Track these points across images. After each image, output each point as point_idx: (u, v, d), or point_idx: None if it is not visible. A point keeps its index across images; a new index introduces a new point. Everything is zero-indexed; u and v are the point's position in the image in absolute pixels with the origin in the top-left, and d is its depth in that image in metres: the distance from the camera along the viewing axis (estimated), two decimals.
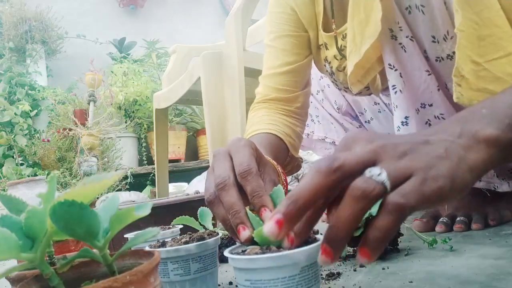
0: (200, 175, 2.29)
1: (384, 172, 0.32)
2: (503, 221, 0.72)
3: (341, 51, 0.78)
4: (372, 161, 0.33)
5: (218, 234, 0.53)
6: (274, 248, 0.38)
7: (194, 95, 1.48)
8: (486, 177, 0.73)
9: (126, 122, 2.68)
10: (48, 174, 2.23)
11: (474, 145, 0.36)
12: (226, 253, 0.40)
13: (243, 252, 0.40)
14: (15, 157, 2.35)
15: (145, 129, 2.80)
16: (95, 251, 0.32)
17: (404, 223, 0.77)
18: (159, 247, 0.51)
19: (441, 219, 0.74)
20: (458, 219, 0.72)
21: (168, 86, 1.68)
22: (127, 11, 3.36)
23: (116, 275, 0.31)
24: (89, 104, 2.53)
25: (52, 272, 0.30)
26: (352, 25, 0.67)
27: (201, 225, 0.58)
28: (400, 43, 0.64)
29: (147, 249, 0.48)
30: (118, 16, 3.33)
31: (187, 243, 0.50)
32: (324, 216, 0.36)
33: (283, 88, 0.84)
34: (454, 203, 0.78)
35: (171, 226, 0.66)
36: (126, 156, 2.60)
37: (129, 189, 2.27)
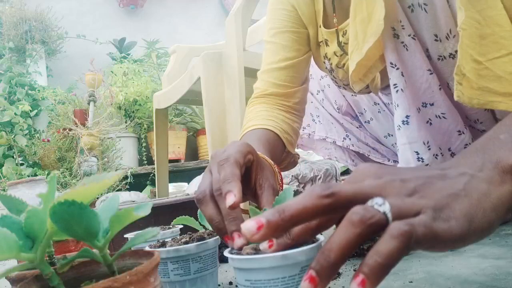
0: (200, 175, 2.29)
1: (387, 203, 0.30)
2: (503, 221, 0.72)
3: (342, 47, 0.78)
4: (376, 196, 0.31)
5: None
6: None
7: (194, 95, 1.48)
8: None
9: (126, 122, 2.68)
10: (48, 174, 2.23)
11: (498, 177, 0.33)
12: (226, 253, 0.40)
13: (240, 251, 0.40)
14: (15, 157, 2.35)
15: (145, 129, 2.80)
16: (95, 251, 0.32)
17: None
18: (159, 247, 0.51)
19: None
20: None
21: (168, 86, 1.68)
22: (127, 11, 3.37)
23: (116, 275, 0.31)
24: (89, 104, 2.53)
25: (52, 272, 0.30)
26: (354, 24, 0.67)
27: (201, 225, 0.58)
28: (402, 42, 0.64)
29: (147, 249, 0.48)
30: (118, 16, 3.34)
31: (187, 243, 0.50)
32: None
33: (282, 83, 0.84)
34: None
35: (171, 226, 0.66)
36: (126, 156, 2.60)
37: (129, 189, 2.27)
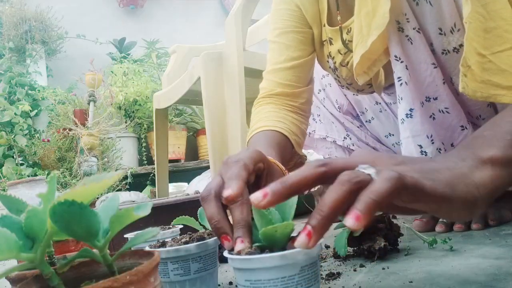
0: (200, 175, 2.29)
1: (372, 168, 0.33)
2: (503, 221, 0.72)
3: (346, 45, 0.79)
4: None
5: None
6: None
7: (194, 95, 1.48)
8: None
9: (126, 122, 2.68)
10: (48, 174, 2.23)
11: (479, 165, 0.37)
12: (226, 253, 0.40)
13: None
14: (15, 157, 2.34)
15: (145, 129, 2.79)
16: (95, 251, 0.32)
17: (404, 223, 0.77)
18: (159, 247, 0.51)
19: (441, 219, 0.74)
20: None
21: (168, 86, 1.68)
22: (127, 11, 3.36)
23: (116, 275, 0.31)
24: (89, 104, 2.53)
25: (52, 272, 0.30)
26: (359, 17, 0.67)
27: (201, 225, 0.58)
28: (406, 35, 0.64)
29: (147, 249, 0.48)
30: (118, 16, 3.33)
31: (187, 243, 0.50)
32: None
33: (288, 83, 0.84)
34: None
35: (171, 226, 0.66)
36: (126, 156, 2.60)
37: (129, 189, 2.27)
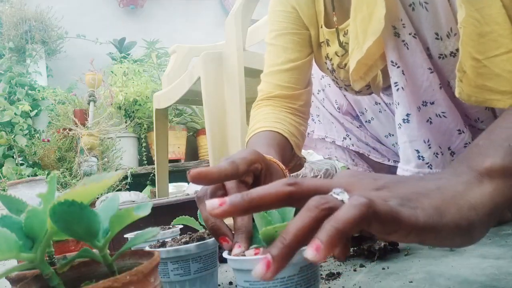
0: None
1: (346, 193, 0.29)
2: (503, 221, 0.72)
3: (344, 46, 0.79)
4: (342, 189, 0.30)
5: None
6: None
7: (194, 95, 1.48)
8: None
9: (126, 122, 2.68)
10: (48, 174, 2.23)
11: (475, 180, 0.33)
12: (225, 254, 0.40)
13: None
14: (15, 157, 2.34)
15: (145, 129, 2.80)
16: (95, 251, 0.32)
17: None
18: (159, 247, 0.51)
19: None
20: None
21: (168, 86, 1.68)
22: (127, 11, 3.36)
23: (116, 275, 0.31)
24: (89, 104, 2.53)
25: (52, 272, 0.30)
26: (355, 23, 0.67)
27: (201, 225, 0.58)
28: (403, 40, 0.64)
29: (147, 249, 0.48)
30: (118, 16, 3.34)
31: (187, 243, 0.50)
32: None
33: (286, 85, 0.84)
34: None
35: (171, 226, 0.66)
36: (126, 156, 2.60)
37: (129, 189, 2.27)
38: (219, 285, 0.57)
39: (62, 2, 3.02)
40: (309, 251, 0.26)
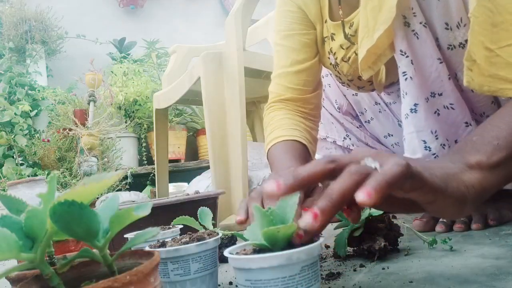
0: (200, 175, 2.29)
1: (377, 161, 0.35)
2: (503, 221, 0.72)
3: (349, 38, 0.78)
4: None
5: (218, 234, 0.53)
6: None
7: (194, 95, 1.48)
8: None
9: (126, 122, 2.68)
10: (48, 174, 2.23)
11: (468, 168, 0.40)
12: (226, 253, 0.40)
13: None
14: (15, 157, 2.34)
15: (145, 129, 2.79)
16: (95, 251, 0.32)
17: (404, 223, 0.77)
18: (159, 247, 0.51)
19: (441, 219, 0.74)
20: (458, 219, 0.72)
21: (168, 86, 1.68)
22: (127, 11, 3.36)
23: (116, 275, 0.31)
24: (89, 104, 2.53)
25: (52, 272, 0.30)
26: (365, 12, 0.66)
27: (201, 225, 0.58)
28: (413, 30, 0.64)
29: (147, 249, 0.48)
30: (118, 16, 3.33)
31: (187, 243, 0.50)
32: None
33: (296, 87, 0.84)
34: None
35: (171, 226, 0.66)
36: (126, 156, 2.60)
37: (129, 189, 2.27)
38: (219, 285, 0.57)
39: (62, 2, 3.02)
40: (361, 195, 0.31)
